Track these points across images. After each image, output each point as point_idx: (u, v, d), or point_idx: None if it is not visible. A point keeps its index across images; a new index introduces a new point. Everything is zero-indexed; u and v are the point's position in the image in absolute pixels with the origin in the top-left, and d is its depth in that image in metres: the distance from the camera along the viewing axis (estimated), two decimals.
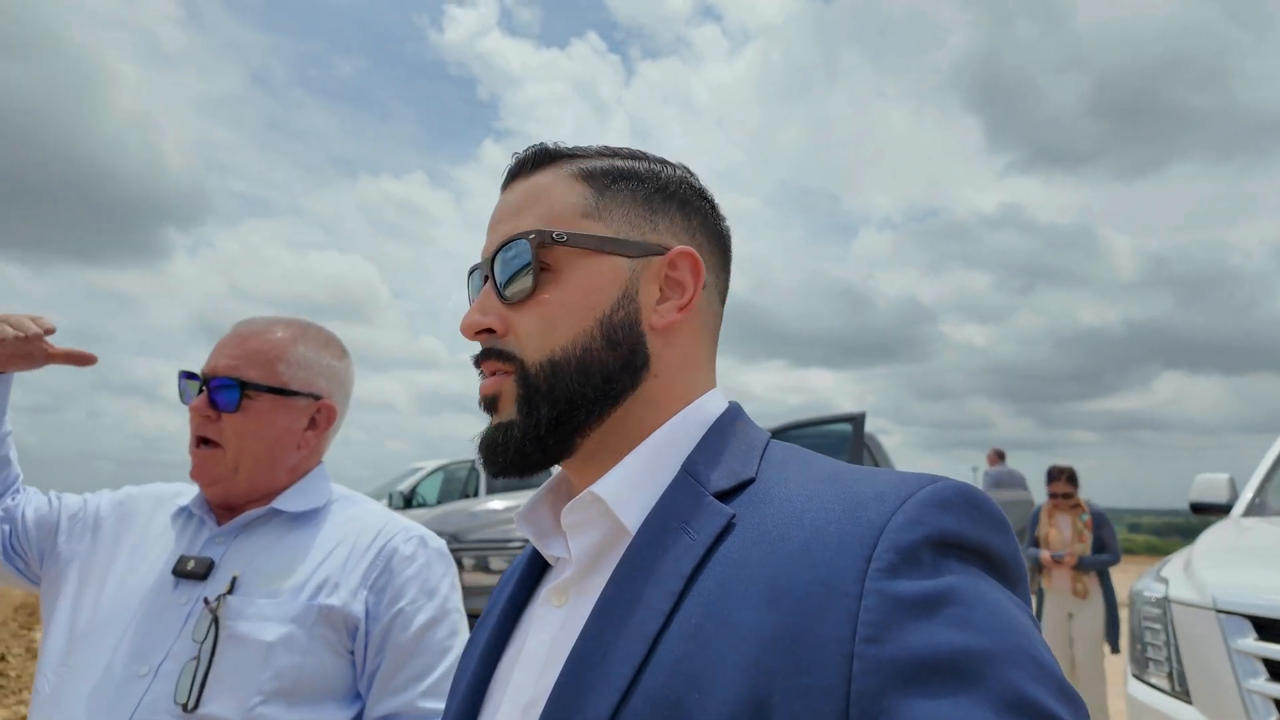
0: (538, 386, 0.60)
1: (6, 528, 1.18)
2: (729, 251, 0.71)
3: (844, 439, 5.56)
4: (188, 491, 1.24)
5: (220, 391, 1.14)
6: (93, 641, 1.06)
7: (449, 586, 1.20)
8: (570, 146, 0.67)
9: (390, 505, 8.45)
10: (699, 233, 0.67)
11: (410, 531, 1.20)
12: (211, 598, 1.06)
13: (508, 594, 0.66)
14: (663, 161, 0.68)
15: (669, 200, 0.66)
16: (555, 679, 0.52)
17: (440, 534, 6.03)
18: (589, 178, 0.64)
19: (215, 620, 1.04)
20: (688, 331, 0.64)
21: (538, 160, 0.66)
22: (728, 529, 0.53)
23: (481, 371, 0.63)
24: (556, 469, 0.67)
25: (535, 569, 0.67)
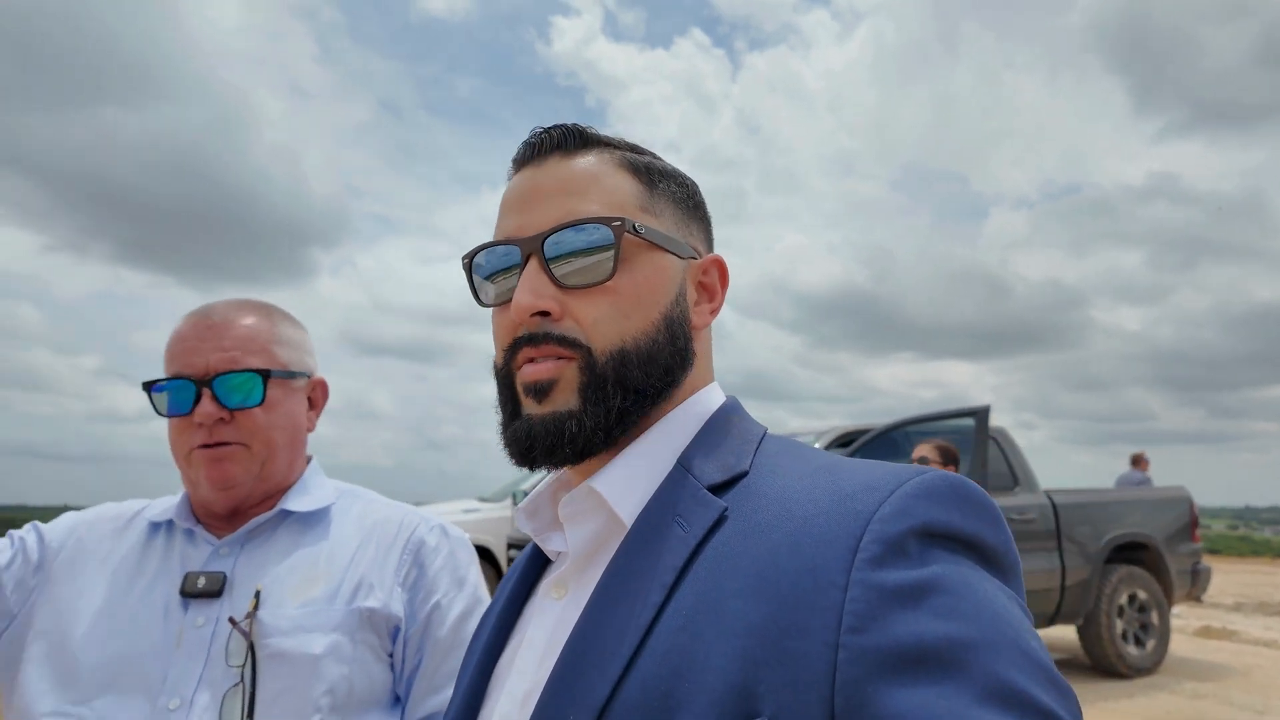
0: (605, 376, 0.58)
1: None
2: None
3: (968, 435, 5.28)
4: (153, 506, 1.10)
5: (232, 387, 1.02)
6: (97, 688, 0.93)
7: (476, 575, 1.13)
8: (610, 137, 0.66)
9: (515, 504, 8.82)
10: (708, 240, 0.71)
11: (430, 521, 1.14)
12: (237, 616, 0.95)
13: (509, 589, 0.68)
14: (675, 169, 0.70)
15: (698, 208, 0.70)
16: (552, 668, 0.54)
17: None
18: (636, 171, 0.64)
19: (250, 641, 0.94)
20: (707, 334, 0.69)
21: (579, 140, 0.64)
22: (720, 521, 0.54)
23: (531, 358, 0.60)
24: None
25: (536, 564, 0.69)
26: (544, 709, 0.52)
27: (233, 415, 1.02)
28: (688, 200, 0.68)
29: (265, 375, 1.04)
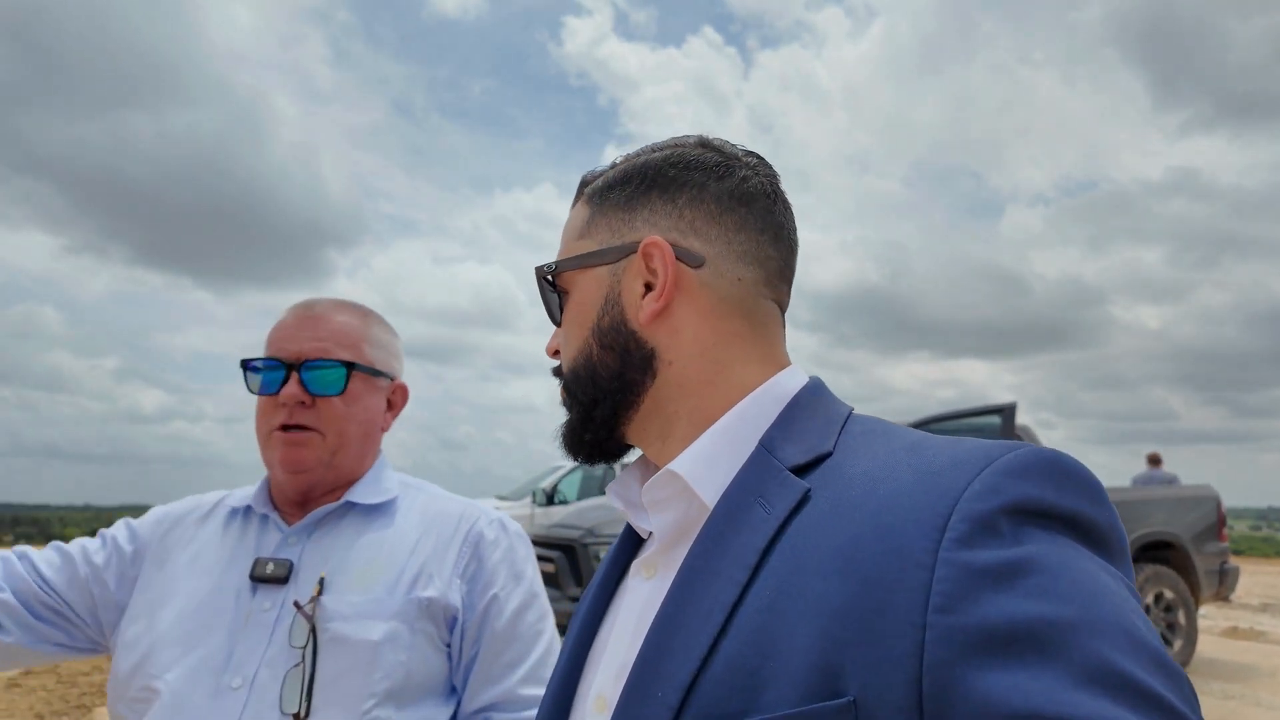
0: (571, 391, 0.69)
1: (14, 602, 1.03)
2: (751, 204, 0.66)
3: (993, 433, 5.25)
4: (234, 494, 1.18)
5: (318, 375, 1.08)
6: (171, 663, 0.99)
7: (533, 569, 1.18)
8: (599, 170, 0.72)
9: (534, 503, 8.83)
10: (688, 209, 0.65)
11: (489, 515, 1.18)
12: (302, 600, 1.00)
13: (605, 568, 0.70)
14: (656, 148, 0.69)
15: (648, 191, 0.66)
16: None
17: (578, 528, 6.20)
18: (590, 198, 0.70)
19: (312, 624, 0.99)
20: (691, 314, 0.64)
21: (577, 193, 0.73)
22: (803, 502, 0.54)
23: None
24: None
25: (630, 544, 0.70)
26: (634, 685, 0.53)
27: (314, 401, 1.09)
28: (637, 188, 0.67)
29: (350, 367, 1.10)
